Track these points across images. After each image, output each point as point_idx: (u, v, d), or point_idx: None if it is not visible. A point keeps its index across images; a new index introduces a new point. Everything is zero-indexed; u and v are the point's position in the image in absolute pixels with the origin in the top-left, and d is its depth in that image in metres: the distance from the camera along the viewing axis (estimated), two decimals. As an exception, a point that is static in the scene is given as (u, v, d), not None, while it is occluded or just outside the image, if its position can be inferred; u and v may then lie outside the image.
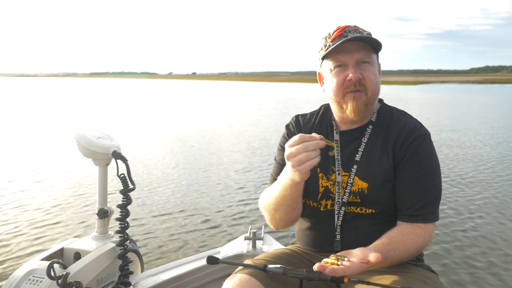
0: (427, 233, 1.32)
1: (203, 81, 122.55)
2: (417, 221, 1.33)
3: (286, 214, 1.40)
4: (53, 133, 12.02)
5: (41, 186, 6.29)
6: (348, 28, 1.38)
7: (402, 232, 1.31)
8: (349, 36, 1.35)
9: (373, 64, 1.40)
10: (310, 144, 1.14)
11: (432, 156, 1.40)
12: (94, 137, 1.88)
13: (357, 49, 1.36)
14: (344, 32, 1.37)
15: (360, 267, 1.10)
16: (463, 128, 13.66)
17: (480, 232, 4.52)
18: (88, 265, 1.76)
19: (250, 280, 1.29)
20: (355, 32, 1.37)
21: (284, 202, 1.36)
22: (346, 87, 1.37)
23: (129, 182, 1.92)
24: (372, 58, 1.40)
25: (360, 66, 1.37)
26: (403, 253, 1.28)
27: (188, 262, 2.12)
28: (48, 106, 22.61)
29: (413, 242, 1.29)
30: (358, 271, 1.10)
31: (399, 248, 1.27)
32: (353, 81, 1.35)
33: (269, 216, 1.44)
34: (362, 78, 1.36)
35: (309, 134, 1.17)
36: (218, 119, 16.33)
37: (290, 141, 1.17)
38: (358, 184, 1.39)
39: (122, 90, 49.82)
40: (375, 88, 1.39)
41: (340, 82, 1.37)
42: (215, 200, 5.68)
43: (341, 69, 1.38)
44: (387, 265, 1.28)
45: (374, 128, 1.44)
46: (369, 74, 1.37)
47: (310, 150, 1.14)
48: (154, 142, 10.60)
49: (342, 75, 1.37)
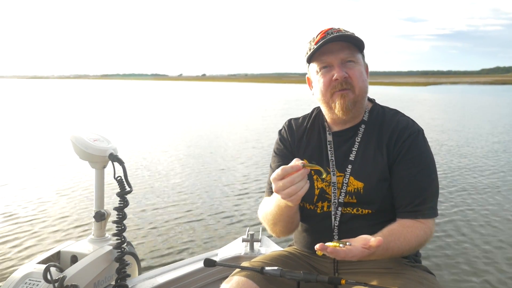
0: (427, 227, 1.32)
1: (213, 82, 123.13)
2: (416, 216, 1.33)
3: (284, 227, 1.43)
4: (53, 134, 11.97)
5: (37, 188, 6.26)
6: (330, 31, 1.40)
7: (403, 225, 1.31)
8: (329, 37, 1.36)
9: (358, 63, 1.41)
10: (295, 177, 1.13)
11: (427, 152, 1.40)
12: (90, 140, 1.87)
13: (341, 49, 1.38)
14: (327, 35, 1.38)
15: (362, 251, 1.10)
16: (469, 128, 13.70)
17: (478, 233, 4.53)
18: (85, 268, 1.76)
19: (247, 283, 1.29)
20: (337, 33, 1.38)
21: (281, 218, 1.38)
22: (333, 87, 1.38)
23: (126, 185, 1.91)
24: (357, 57, 1.41)
25: (345, 65, 1.38)
26: (404, 245, 1.27)
27: (186, 265, 2.12)
28: (55, 109, 22.55)
29: (414, 235, 1.29)
30: (359, 256, 1.10)
31: (400, 239, 1.26)
32: (339, 80, 1.36)
33: (269, 228, 1.47)
34: (348, 77, 1.37)
35: (291, 165, 1.15)
36: (222, 121, 16.29)
37: (274, 175, 1.15)
38: (353, 184, 1.39)
39: (132, 92, 49.68)
40: (361, 85, 1.40)
41: (327, 82, 1.39)
42: (213, 202, 5.67)
43: (327, 70, 1.39)
44: (387, 257, 1.28)
45: (367, 128, 1.45)
46: (354, 72, 1.38)
47: (297, 182, 1.13)
48: (155, 144, 10.57)
49: (328, 75, 1.38)
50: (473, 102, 29.41)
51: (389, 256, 1.27)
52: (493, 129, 13.76)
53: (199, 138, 11.75)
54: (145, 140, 11.15)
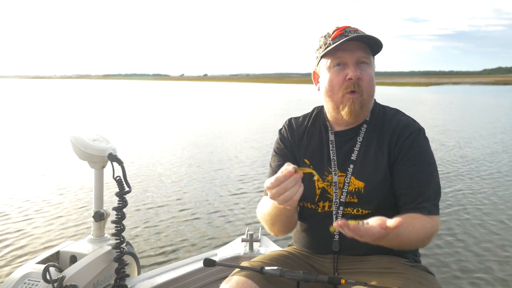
0: (434, 222, 1.31)
1: (214, 82, 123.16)
2: (422, 212, 1.31)
3: (283, 227, 1.42)
4: (53, 134, 11.95)
5: (36, 188, 6.25)
6: (348, 29, 1.39)
7: (411, 216, 1.28)
8: (350, 35, 1.35)
9: (371, 66, 1.41)
10: (289, 183, 1.12)
11: (428, 150, 1.40)
12: (89, 140, 1.87)
13: (357, 48, 1.37)
14: (345, 32, 1.37)
15: (379, 231, 1.07)
16: (469, 129, 13.72)
17: (479, 232, 4.53)
18: (84, 268, 1.75)
19: (247, 282, 1.29)
20: (355, 33, 1.37)
21: (279, 219, 1.38)
22: (346, 87, 1.37)
23: (125, 185, 1.91)
24: (370, 59, 1.41)
25: (359, 66, 1.37)
26: (413, 234, 1.24)
27: (185, 265, 2.11)
28: (56, 109, 22.54)
29: (422, 226, 1.27)
30: (377, 235, 1.07)
31: (410, 228, 1.23)
32: (353, 80, 1.35)
33: (267, 227, 1.46)
34: (360, 79, 1.36)
35: (283, 173, 1.14)
36: (222, 121, 16.29)
37: (267, 183, 1.15)
38: (354, 183, 1.39)
39: (134, 92, 49.61)
40: (370, 89, 1.39)
41: (341, 81, 1.37)
42: (212, 202, 5.66)
43: (341, 67, 1.38)
44: (397, 245, 1.25)
45: (368, 128, 1.45)
46: (366, 75, 1.38)
47: (290, 188, 1.13)
48: (155, 144, 10.57)
49: (342, 73, 1.37)
50: (475, 103, 29.36)
51: (398, 244, 1.24)
52: (494, 129, 13.78)
53: (200, 138, 11.75)
54: (145, 140, 11.15)
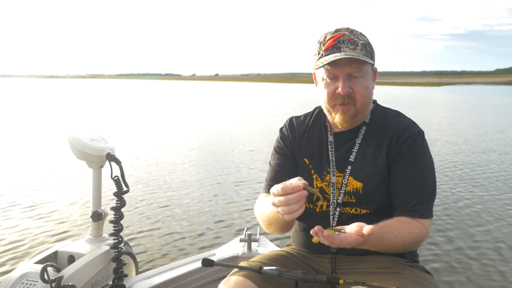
0: (424, 227, 1.33)
1: (226, 82, 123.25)
2: (414, 216, 1.33)
3: (279, 228, 1.44)
4: (55, 134, 11.92)
5: (34, 188, 6.23)
6: (342, 38, 1.36)
7: (399, 221, 1.32)
8: (342, 48, 1.34)
9: (365, 76, 1.39)
10: (291, 198, 1.13)
11: (426, 153, 1.41)
12: (87, 139, 1.87)
13: (349, 63, 1.35)
14: (337, 43, 1.35)
15: (356, 239, 1.11)
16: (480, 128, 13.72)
17: (478, 232, 4.53)
18: (82, 268, 1.75)
19: (245, 282, 1.29)
20: (349, 42, 1.35)
21: (276, 222, 1.39)
22: (335, 98, 1.39)
23: (123, 184, 1.91)
24: (364, 70, 1.38)
25: (350, 80, 1.37)
26: (398, 239, 1.27)
27: (183, 265, 2.11)
28: (66, 108, 22.43)
29: (409, 232, 1.29)
30: (354, 243, 1.11)
31: (395, 233, 1.27)
32: (342, 95, 1.37)
33: (264, 226, 1.48)
34: (352, 92, 1.37)
35: (291, 185, 1.14)
36: (230, 121, 16.20)
37: (273, 189, 1.15)
38: (352, 184, 1.40)
39: (145, 91, 49.39)
40: (364, 100, 1.40)
41: (331, 93, 1.39)
42: (211, 202, 5.65)
43: (332, 81, 1.39)
44: (381, 249, 1.29)
45: (368, 129, 1.45)
46: (358, 87, 1.37)
47: (291, 204, 1.13)
48: (156, 144, 10.52)
49: (333, 86, 1.38)
50: (489, 103, 29.19)
51: (382, 247, 1.27)
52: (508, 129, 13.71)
53: (204, 138, 11.70)
54: (146, 140, 11.09)
